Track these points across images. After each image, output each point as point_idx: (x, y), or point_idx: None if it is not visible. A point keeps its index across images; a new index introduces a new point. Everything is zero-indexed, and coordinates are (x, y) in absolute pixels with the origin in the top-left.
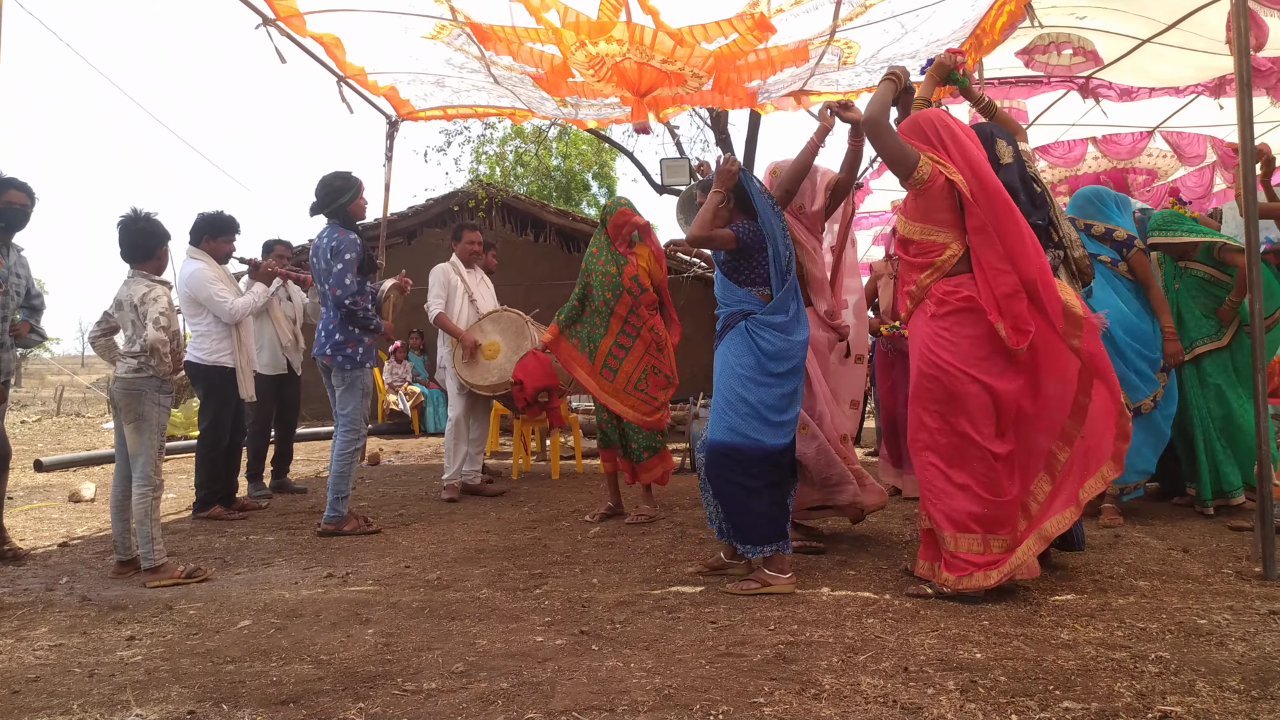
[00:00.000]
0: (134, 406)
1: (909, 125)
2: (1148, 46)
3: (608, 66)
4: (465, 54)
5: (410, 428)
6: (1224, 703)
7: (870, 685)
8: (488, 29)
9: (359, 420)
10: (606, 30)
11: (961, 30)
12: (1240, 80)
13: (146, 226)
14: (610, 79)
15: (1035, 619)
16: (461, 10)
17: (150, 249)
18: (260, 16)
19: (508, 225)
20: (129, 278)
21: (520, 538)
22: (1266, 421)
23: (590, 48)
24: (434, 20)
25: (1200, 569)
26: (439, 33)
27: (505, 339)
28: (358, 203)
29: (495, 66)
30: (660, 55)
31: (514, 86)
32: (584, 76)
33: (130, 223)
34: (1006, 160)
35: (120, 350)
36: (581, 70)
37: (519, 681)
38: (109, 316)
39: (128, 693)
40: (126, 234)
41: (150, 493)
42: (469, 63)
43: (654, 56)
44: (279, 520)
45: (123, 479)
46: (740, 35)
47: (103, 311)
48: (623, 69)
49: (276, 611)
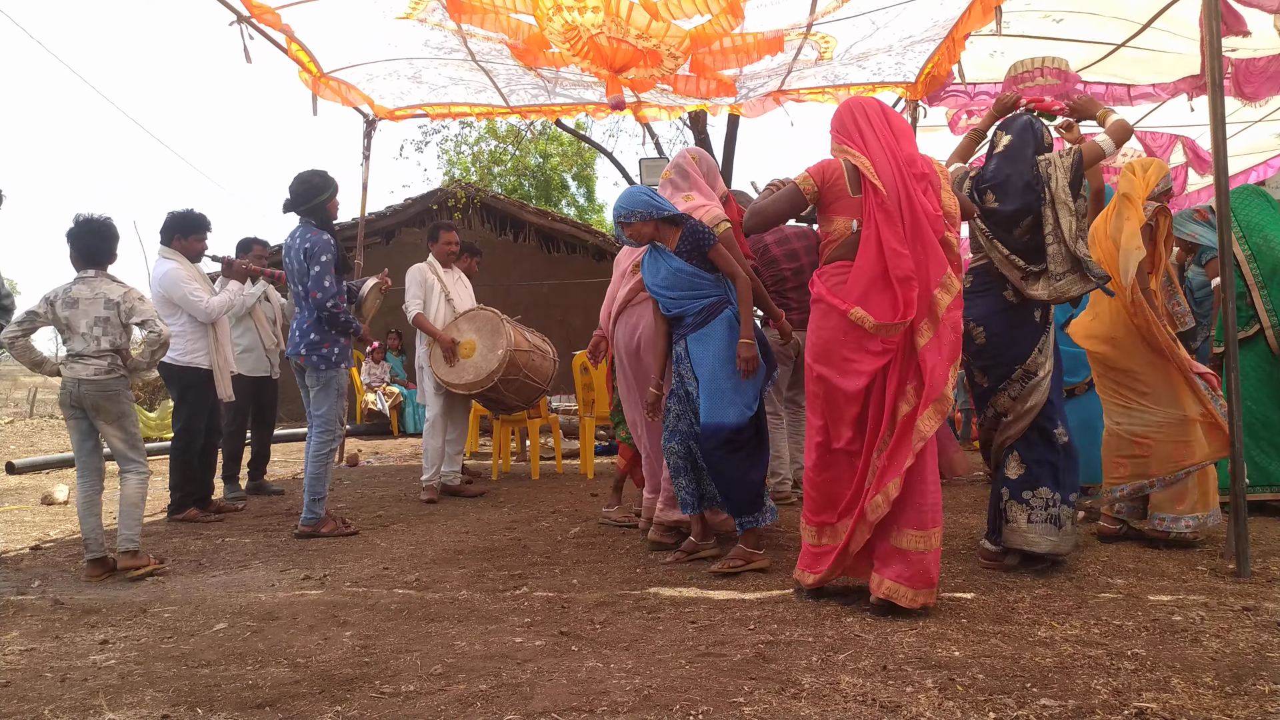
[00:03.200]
0: (114, 406)
1: (835, 121)
2: (1123, 52)
3: (583, 41)
4: (442, 29)
5: (389, 428)
6: (1199, 699)
7: (849, 684)
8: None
9: (334, 420)
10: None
11: (933, 29)
12: (1212, 81)
13: (105, 229)
14: (586, 55)
15: (1013, 617)
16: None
17: (113, 250)
18: (234, 13)
19: (487, 225)
20: (89, 278)
21: (500, 538)
22: (1239, 419)
23: (566, 14)
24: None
25: (1175, 566)
26: (414, 8)
27: (481, 337)
28: (334, 202)
29: (472, 39)
30: (635, 30)
31: (491, 62)
32: (560, 49)
33: (87, 226)
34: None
35: (83, 351)
36: (557, 42)
37: (498, 683)
38: (35, 317)
39: (100, 697)
40: (88, 237)
41: (147, 477)
42: (447, 40)
43: (629, 31)
44: (255, 522)
45: (91, 475)
46: (713, 16)
47: (26, 311)
48: (598, 44)
49: (253, 614)
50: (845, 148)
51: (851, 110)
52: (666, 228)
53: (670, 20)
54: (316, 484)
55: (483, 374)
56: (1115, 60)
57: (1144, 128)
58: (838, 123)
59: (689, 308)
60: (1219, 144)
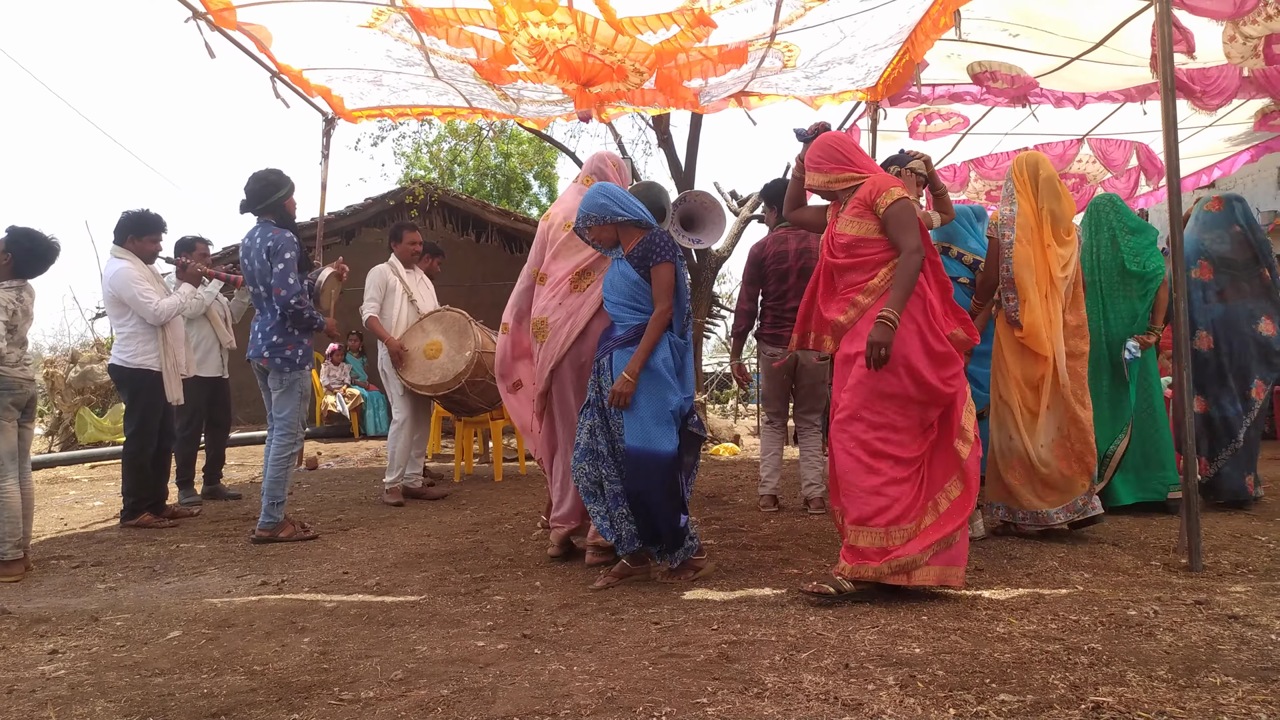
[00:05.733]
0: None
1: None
2: (1077, 62)
3: (550, 55)
4: (405, 43)
5: (349, 431)
6: (1153, 692)
7: (812, 683)
8: (426, 12)
9: (296, 423)
10: (549, 11)
11: (898, 35)
12: (1165, 85)
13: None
14: (552, 69)
15: (971, 613)
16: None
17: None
18: (190, 9)
19: (449, 225)
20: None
21: (462, 541)
22: (1191, 417)
23: (533, 29)
24: (371, 6)
25: (1130, 561)
26: (377, 19)
27: (448, 338)
28: (291, 200)
29: (435, 55)
30: (601, 45)
31: (454, 79)
32: (526, 64)
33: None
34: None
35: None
36: (523, 57)
37: (459, 688)
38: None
39: (49, 709)
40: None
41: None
42: (410, 54)
43: (595, 46)
44: (211, 528)
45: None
46: (681, 30)
47: None
48: (565, 58)
49: (208, 621)
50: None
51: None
52: (629, 230)
53: (635, 36)
54: (276, 487)
55: (449, 375)
56: (1070, 69)
57: (1100, 134)
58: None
59: (623, 319)
60: (1171, 148)
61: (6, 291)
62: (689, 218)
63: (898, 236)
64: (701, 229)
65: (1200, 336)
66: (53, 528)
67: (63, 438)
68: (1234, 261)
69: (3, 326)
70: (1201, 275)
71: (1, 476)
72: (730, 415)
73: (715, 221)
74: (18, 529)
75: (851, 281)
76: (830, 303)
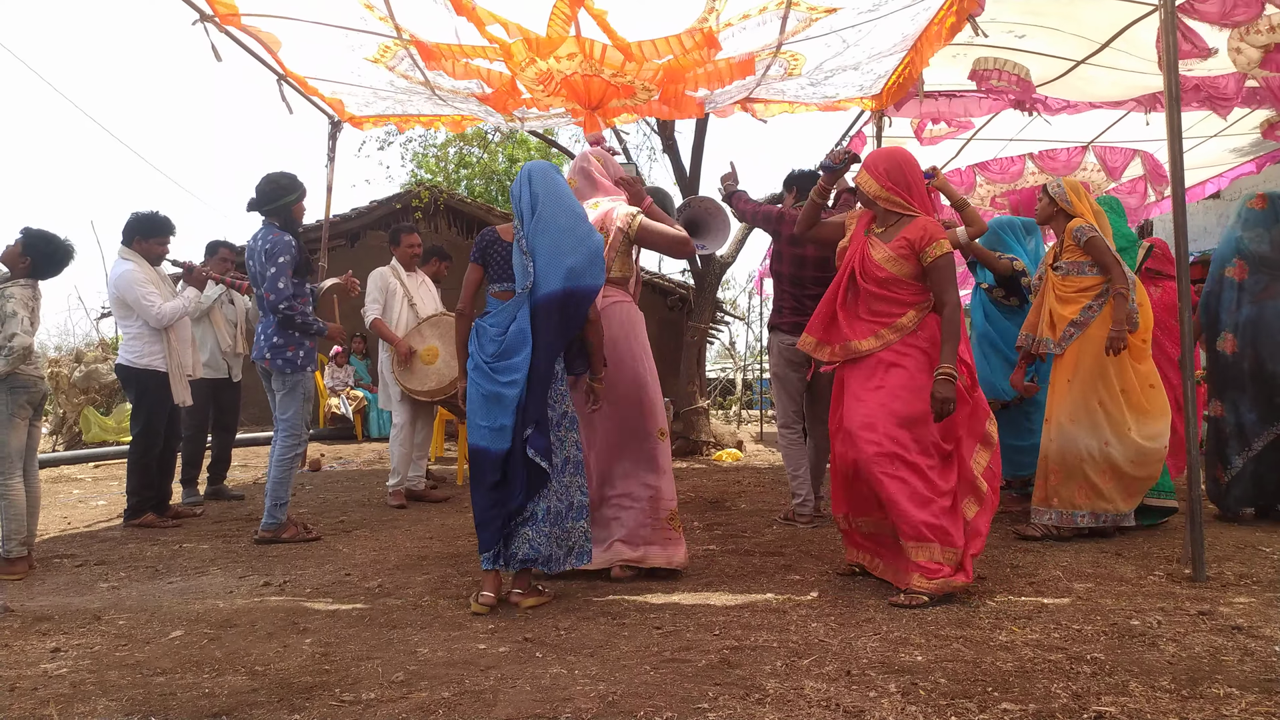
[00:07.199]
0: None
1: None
2: (1082, 69)
3: (556, 81)
4: (409, 80)
5: (353, 433)
6: (1156, 702)
7: (813, 689)
8: (433, 47)
9: (299, 425)
10: (555, 46)
11: (902, 43)
12: (1169, 95)
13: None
14: (559, 93)
15: (974, 621)
16: (406, 29)
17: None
18: (198, 13)
19: (453, 229)
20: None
21: (464, 544)
22: (1196, 427)
23: (540, 64)
24: (378, 40)
25: (1133, 571)
26: (382, 55)
27: (444, 344)
28: (300, 206)
29: (439, 90)
30: (610, 69)
31: (458, 106)
32: (532, 93)
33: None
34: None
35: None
36: (530, 87)
37: (461, 690)
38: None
39: (51, 707)
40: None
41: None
42: (413, 88)
43: (603, 70)
44: (214, 528)
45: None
46: (688, 50)
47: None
48: (572, 82)
49: (210, 621)
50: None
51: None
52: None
53: (644, 60)
54: (279, 488)
55: (445, 381)
56: (1075, 76)
57: (1103, 143)
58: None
59: None
60: (1176, 158)
61: (24, 289)
62: (693, 223)
63: (941, 289)
64: (706, 235)
65: (1225, 339)
66: (56, 526)
67: (67, 437)
68: (1273, 261)
69: (26, 321)
70: (1236, 274)
71: (9, 474)
72: (733, 421)
73: (719, 227)
74: (23, 527)
75: (878, 311)
76: (856, 323)
